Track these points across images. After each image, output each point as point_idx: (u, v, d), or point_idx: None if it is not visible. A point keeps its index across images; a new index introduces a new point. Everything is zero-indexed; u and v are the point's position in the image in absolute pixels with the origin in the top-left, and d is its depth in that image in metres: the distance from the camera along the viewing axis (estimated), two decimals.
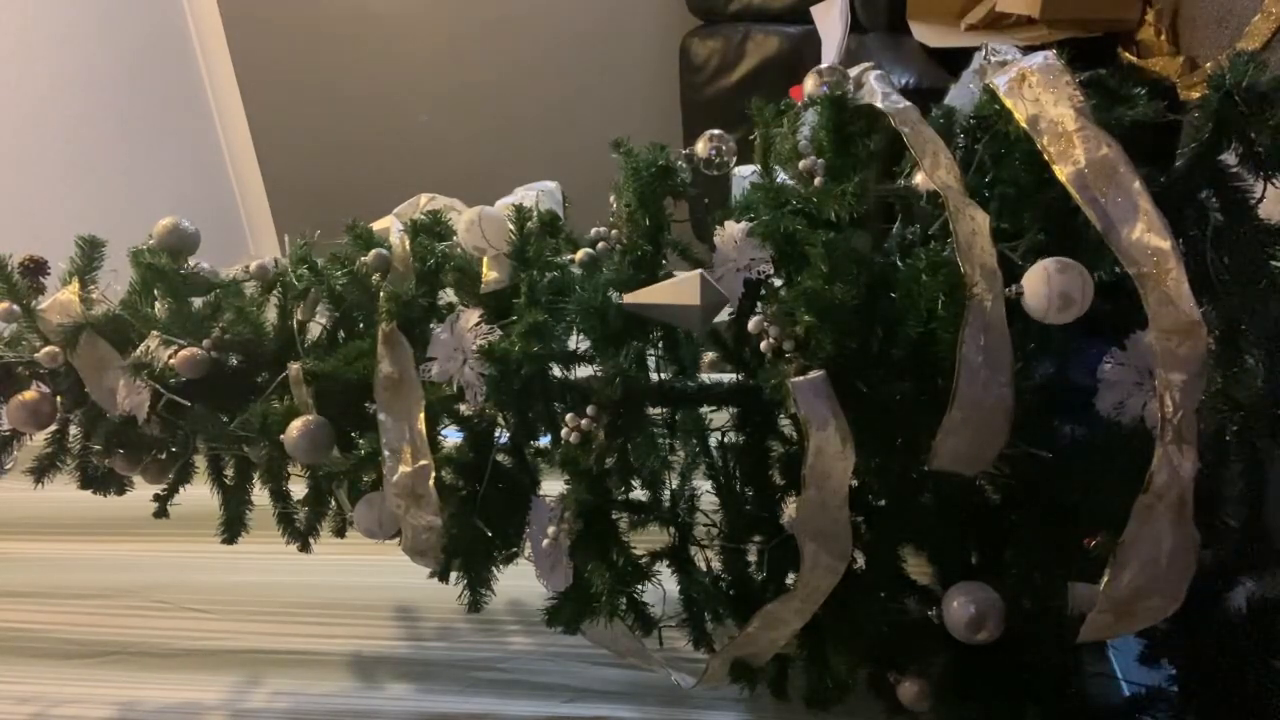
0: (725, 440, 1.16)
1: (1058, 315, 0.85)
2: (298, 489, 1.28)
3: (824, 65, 1.06)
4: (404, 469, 1.11)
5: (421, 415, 1.09)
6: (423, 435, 1.11)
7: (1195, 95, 1.29)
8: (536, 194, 1.17)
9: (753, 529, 1.12)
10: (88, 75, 3.04)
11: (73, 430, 1.29)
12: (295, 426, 1.09)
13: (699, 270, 0.94)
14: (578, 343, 1.08)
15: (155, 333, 1.19)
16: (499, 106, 3.55)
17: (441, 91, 3.54)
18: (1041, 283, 0.85)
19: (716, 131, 1.12)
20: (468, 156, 3.55)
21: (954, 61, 1.16)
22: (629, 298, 0.96)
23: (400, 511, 1.12)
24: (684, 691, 1.29)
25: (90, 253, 1.27)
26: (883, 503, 1.07)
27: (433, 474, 1.10)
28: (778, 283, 1.03)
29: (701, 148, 1.12)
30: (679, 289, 0.94)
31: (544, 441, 1.14)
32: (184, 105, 3.54)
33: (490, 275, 1.09)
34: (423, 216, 1.18)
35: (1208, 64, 1.81)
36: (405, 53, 3.51)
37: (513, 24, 3.41)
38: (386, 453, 1.12)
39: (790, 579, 1.07)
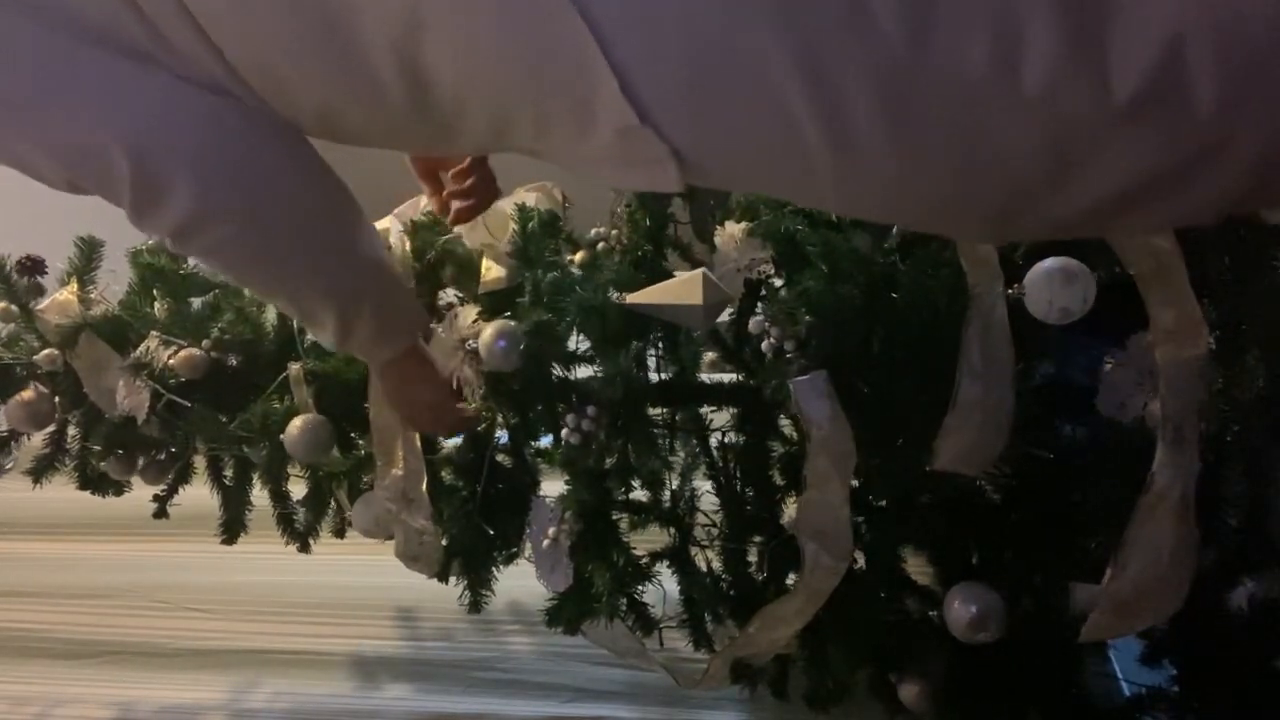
0: (725, 440, 1.16)
1: (1060, 314, 0.85)
2: (297, 489, 1.28)
3: None
4: (395, 472, 1.10)
5: None
6: (416, 438, 1.11)
7: None
8: (536, 195, 1.16)
9: (753, 529, 1.12)
10: None
11: (71, 431, 1.29)
12: (296, 425, 1.09)
13: (701, 269, 0.94)
14: (578, 343, 1.07)
15: (155, 333, 1.18)
16: None
17: None
18: (1043, 283, 0.85)
19: None
20: None
21: None
22: (631, 298, 0.96)
23: (392, 515, 1.12)
24: (684, 691, 1.28)
25: (89, 253, 1.27)
26: (883, 503, 1.07)
27: (425, 478, 1.10)
28: (778, 283, 1.02)
29: None
30: (681, 288, 0.94)
31: (544, 441, 1.14)
32: None
33: (491, 273, 1.09)
34: (423, 216, 1.17)
35: None
36: None
37: None
38: (378, 455, 1.12)
39: (791, 579, 1.07)
